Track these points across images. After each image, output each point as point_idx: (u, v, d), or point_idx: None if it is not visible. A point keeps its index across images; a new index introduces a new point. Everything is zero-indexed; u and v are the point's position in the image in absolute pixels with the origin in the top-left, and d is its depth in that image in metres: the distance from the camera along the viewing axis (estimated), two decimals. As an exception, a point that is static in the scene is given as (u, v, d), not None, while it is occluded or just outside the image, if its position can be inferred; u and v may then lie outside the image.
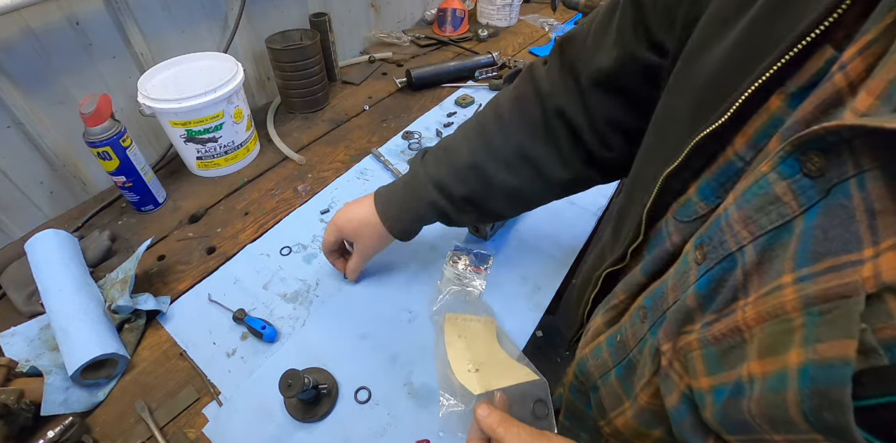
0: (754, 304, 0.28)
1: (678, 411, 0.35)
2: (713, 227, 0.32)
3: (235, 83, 0.86)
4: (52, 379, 0.59)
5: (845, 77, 0.25)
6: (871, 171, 0.23)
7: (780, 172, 0.26)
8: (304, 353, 0.66)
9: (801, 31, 0.26)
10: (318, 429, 0.59)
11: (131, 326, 0.69)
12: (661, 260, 0.40)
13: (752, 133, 0.31)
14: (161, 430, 0.58)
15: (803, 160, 0.25)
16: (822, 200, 0.25)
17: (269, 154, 1.01)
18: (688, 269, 0.34)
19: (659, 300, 0.38)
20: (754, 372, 0.27)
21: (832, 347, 0.23)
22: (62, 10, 0.76)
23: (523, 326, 0.70)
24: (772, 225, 0.27)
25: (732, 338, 0.29)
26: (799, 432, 0.24)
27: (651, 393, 0.39)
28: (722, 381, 0.30)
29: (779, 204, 0.27)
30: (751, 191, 0.28)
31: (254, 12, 1.04)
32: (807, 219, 0.25)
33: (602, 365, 0.47)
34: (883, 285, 0.21)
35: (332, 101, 1.17)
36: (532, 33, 1.48)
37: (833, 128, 0.23)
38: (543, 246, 0.81)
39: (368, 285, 0.75)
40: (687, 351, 0.33)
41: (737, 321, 0.29)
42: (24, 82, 0.76)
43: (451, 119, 1.10)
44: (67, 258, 0.71)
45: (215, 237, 0.83)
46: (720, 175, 0.33)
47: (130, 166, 0.80)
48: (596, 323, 0.50)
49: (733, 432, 0.30)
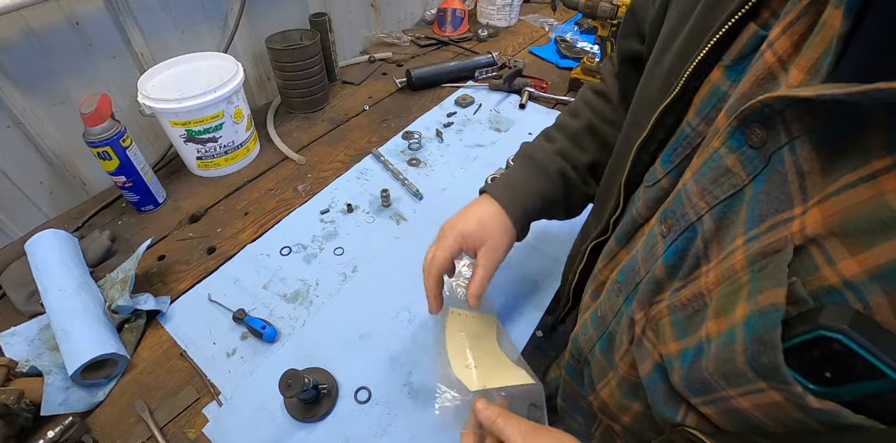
0: (715, 268, 0.30)
1: (651, 379, 0.37)
2: (675, 202, 0.35)
3: (235, 83, 0.86)
4: (52, 379, 0.59)
5: (774, 54, 0.28)
6: (799, 137, 0.26)
7: (729, 146, 0.29)
8: (304, 353, 0.66)
9: (729, 13, 0.31)
10: (318, 429, 0.59)
11: (131, 326, 0.69)
12: (629, 228, 0.43)
13: (699, 103, 0.34)
14: (161, 430, 0.58)
15: (747, 133, 0.28)
16: (765, 168, 0.28)
17: (269, 154, 1.01)
18: (655, 242, 0.37)
19: (630, 274, 0.41)
20: (711, 332, 0.29)
21: (767, 296, 0.25)
22: (62, 10, 0.76)
23: (523, 326, 0.70)
24: (724, 195, 0.30)
25: (697, 302, 0.32)
26: (748, 383, 0.26)
27: (629, 363, 0.41)
28: (687, 345, 0.32)
29: (730, 175, 0.30)
30: (706, 166, 0.31)
31: (254, 12, 1.04)
32: (755, 187, 0.28)
33: (589, 340, 0.49)
34: (807, 238, 0.24)
35: (332, 101, 1.17)
36: (532, 33, 1.48)
37: (766, 100, 0.26)
38: (543, 246, 0.81)
39: (368, 285, 0.75)
40: (658, 319, 0.36)
41: (700, 286, 0.31)
42: (24, 82, 0.76)
43: (451, 119, 1.10)
44: (67, 258, 0.71)
45: (215, 237, 0.83)
46: (675, 143, 0.37)
47: (130, 166, 0.80)
48: (585, 299, 0.52)
49: (697, 393, 0.31)
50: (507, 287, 0.75)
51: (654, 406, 0.37)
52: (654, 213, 0.39)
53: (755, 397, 0.26)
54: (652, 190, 0.39)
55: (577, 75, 1.17)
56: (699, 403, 0.31)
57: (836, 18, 0.24)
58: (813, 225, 0.24)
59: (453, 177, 0.95)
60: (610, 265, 0.47)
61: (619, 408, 0.45)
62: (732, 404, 0.28)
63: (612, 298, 0.44)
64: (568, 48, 1.33)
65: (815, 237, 0.24)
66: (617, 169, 0.48)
